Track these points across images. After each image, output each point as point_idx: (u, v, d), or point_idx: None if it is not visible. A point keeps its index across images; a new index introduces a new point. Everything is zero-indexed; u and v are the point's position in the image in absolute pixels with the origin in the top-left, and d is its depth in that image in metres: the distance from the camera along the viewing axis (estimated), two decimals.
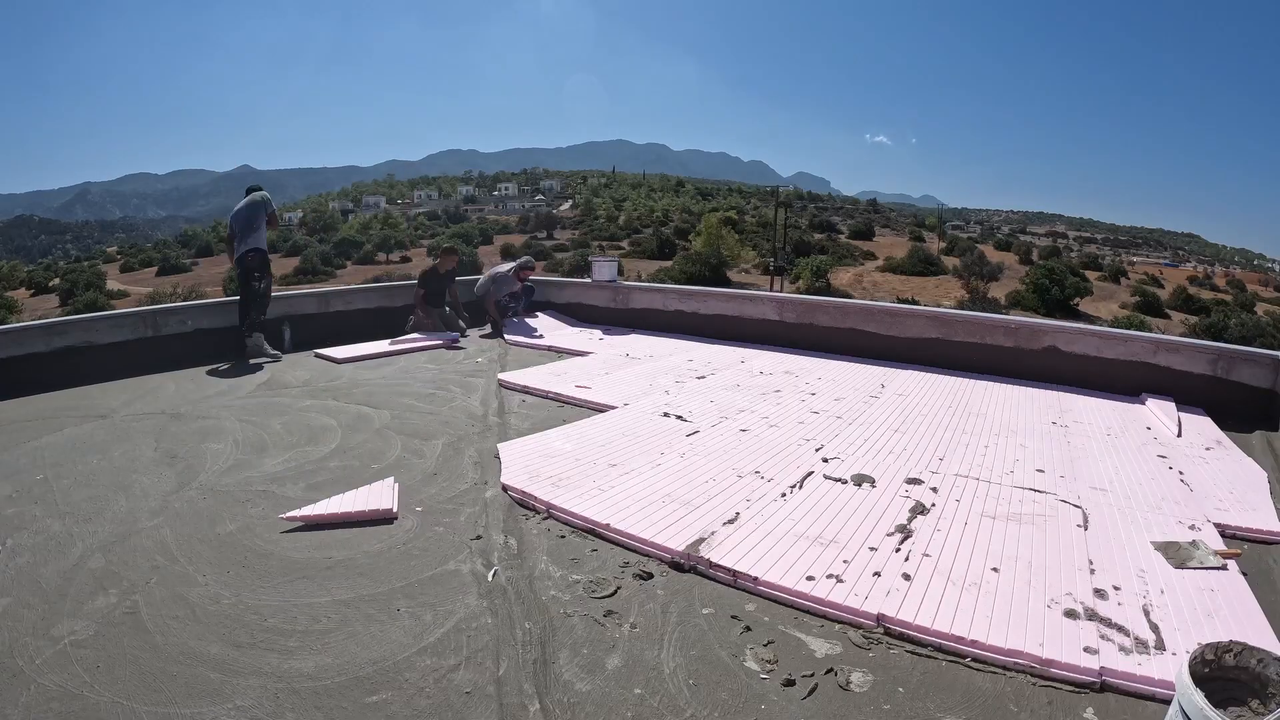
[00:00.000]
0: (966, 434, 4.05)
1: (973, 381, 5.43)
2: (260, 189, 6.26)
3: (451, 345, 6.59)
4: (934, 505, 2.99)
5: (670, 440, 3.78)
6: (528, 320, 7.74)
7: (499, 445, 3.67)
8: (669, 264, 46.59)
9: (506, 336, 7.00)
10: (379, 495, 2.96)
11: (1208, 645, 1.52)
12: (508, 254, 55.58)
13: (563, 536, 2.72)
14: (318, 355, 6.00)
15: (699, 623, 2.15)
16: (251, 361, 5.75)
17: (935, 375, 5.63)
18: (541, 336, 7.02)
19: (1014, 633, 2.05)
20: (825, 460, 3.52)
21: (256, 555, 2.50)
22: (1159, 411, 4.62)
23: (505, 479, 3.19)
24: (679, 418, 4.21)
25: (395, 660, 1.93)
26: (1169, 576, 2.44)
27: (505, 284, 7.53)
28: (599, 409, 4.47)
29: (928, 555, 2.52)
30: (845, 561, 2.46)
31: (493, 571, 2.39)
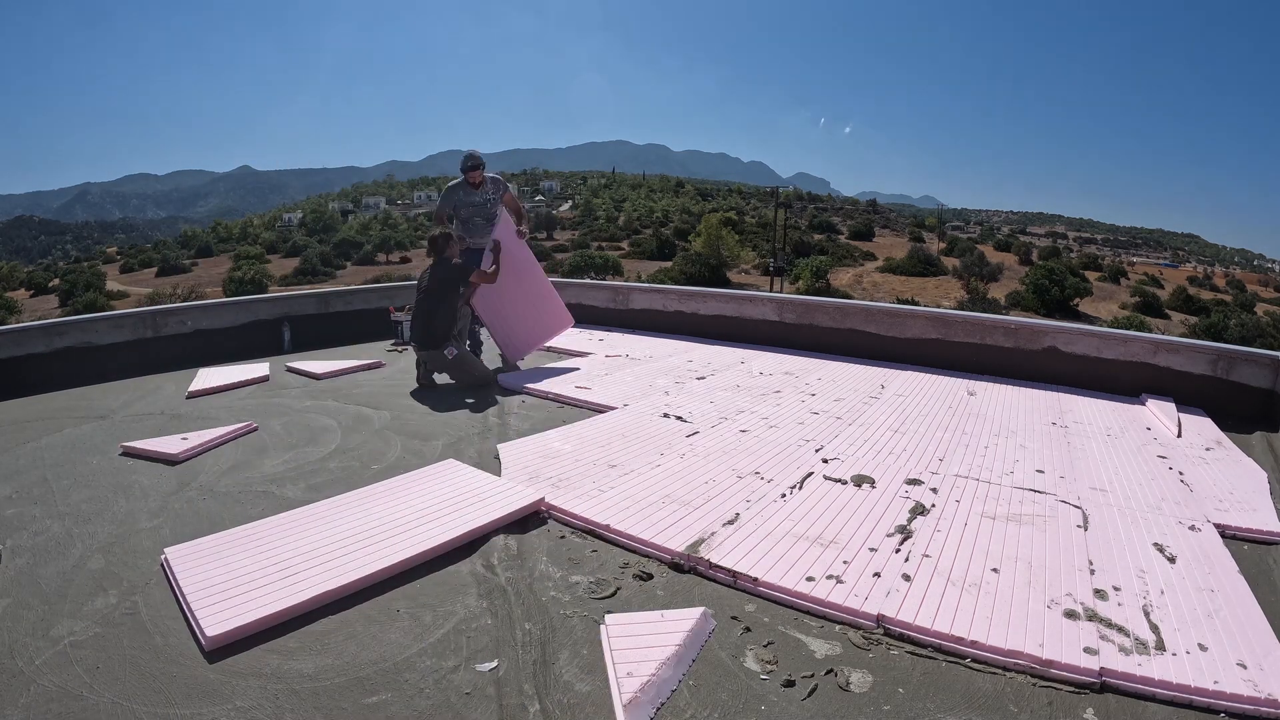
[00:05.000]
0: (966, 434, 4.05)
1: (972, 382, 5.43)
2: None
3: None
4: (934, 506, 2.98)
5: (670, 441, 3.78)
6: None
7: (499, 446, 3.67)
8: (669, 264, 46.61)
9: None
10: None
11: None
12: None
13: (562, 537, 2.72)
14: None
15: None
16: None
17: (935, 376, 5.63)
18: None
19: (1014, 633, 2.05)
20: (825, 461, 3.52)
21: None
22: (1159, 412, 4.62)
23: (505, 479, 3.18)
24: (679, 418, 4.21)
25: (395, 661, 1.92)
26: (1169, 576, 2.45)
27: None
28: (599, 410, 4.47)
29: (927, 556, 2.52)
30: (845, 562, 2.46)
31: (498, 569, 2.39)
